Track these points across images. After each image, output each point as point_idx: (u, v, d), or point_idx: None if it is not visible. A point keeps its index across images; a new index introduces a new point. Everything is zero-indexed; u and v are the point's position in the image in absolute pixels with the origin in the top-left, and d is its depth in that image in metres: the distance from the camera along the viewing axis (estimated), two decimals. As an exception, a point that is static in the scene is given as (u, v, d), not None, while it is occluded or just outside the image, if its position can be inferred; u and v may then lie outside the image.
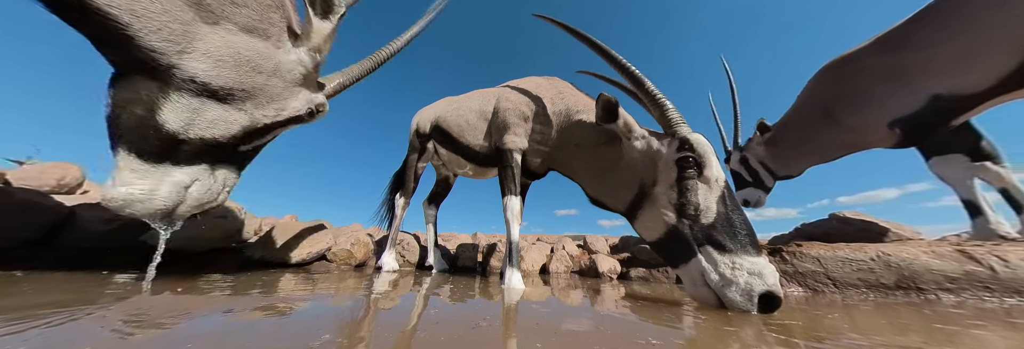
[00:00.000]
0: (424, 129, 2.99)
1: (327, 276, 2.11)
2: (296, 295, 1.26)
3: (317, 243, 2.88)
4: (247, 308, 0.97)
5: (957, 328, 0.86)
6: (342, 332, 0.71)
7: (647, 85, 1.45)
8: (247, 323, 0.80)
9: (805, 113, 2.51)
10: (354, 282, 1.81)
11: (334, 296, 1.35)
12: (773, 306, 0.99)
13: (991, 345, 0.71)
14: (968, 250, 1.57)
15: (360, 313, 1.00)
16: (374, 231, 3.89)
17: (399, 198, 3.19)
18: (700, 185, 1.22)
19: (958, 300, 1.43)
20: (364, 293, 1.42)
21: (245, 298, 1.16)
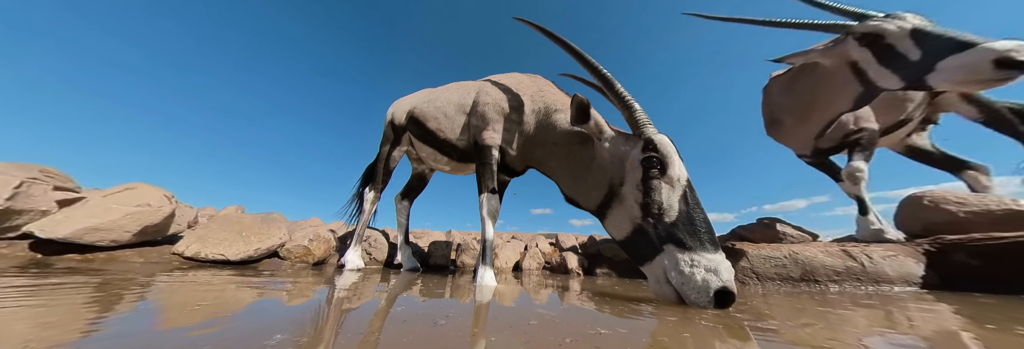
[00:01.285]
0: (399, 120, 2.74)
1: (279, 275, 1.80)
2: (231, 297, 1.02)
3: (267, 238, 2.49)
4: (161, 313, 0.74)
5: (831, 309, 1.08)
6: (298, 331, 0.64)
7: (616, 86, 1.47)
8: (167, 332, 0.60)
9: None
10: (311, 281, 1.56)
11: (287, 295, 1.13)
12: (727, 302, 1.01)
13: (850, 320, 0.91)
14: (849, 250, 1.86)
15: (318, 312, 0.86)
16: (338, 226, 3.51)
17: (368, 192, 2.89)
18: (663, 185, 1.24)
19: (840, 289, 1.71)
20: (323, 292, 1.22)
21: (160, 302, 0.91)
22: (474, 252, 2.90)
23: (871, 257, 1.79)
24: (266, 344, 0.55)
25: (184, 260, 2.22)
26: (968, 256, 1.70)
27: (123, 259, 2.10)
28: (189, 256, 2.22)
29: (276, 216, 2.81)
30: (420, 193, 3.19)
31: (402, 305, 1.00)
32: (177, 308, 0.87)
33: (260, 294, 1.18)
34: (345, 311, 0.91)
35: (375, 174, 2.88)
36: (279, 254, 2.56)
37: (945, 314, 1.00)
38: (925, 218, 2.06)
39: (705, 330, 0.73)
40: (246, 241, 2.38)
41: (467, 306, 0.98)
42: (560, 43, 1.72)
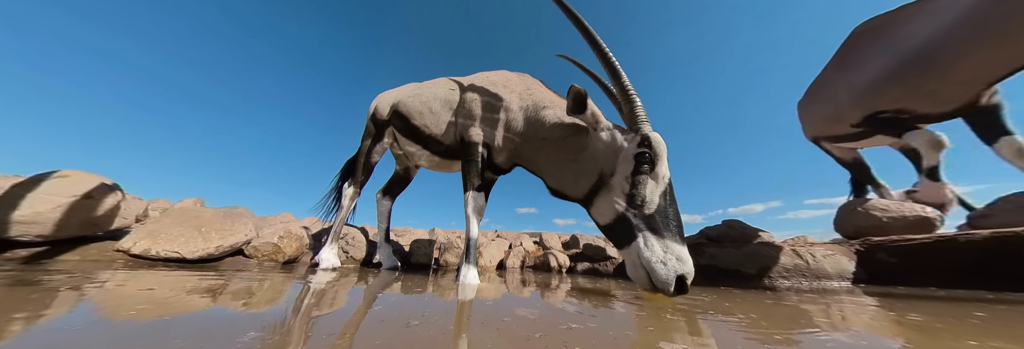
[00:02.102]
0: (382, 113, 2.59)
1: (244, 275, 1.63)
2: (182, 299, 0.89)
3: (231, 234, 2.26)
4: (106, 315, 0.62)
5: (777, 302, 1.19)
6: (266, 333, 0.61)
7: (624, 80, 1.45)
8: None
9: None
10: (281, 280, 1.41)
11: (253, 296, 1.02)
12: (683, 288, 1.12)
13: (789, 310, 1.02)
14: (797, 249, 2.02)
15: (286, 314, 0.79)
16: (311, 222, 3.27)
17: (348, 187, 2.71)
18: (649, 180, 1.31)
19: (789, 284, 1.86)
20: (293, 292, 1.11)
21: (95, 303, 0.76)
22: (458, 251, 2.81)
23: (814, 256, 1.97)
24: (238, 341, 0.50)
25: (130, 258, 1.95)
26: (887, 255, 1.91)
27: (56, 257, 1.81)
28: (137, 254, 1.95)
29: (242, 211, 2.56)
30: (403, 190, 3.05)
31: (379, 305, 0.93)
32: (113, 310, 0.74)
33: (219, 294, 1.04)
34: (316, 312, 0.82)
35: (356, 169, 2.71)
36: (244, 252, 2.33)
37: (866, 305, 1.14)
38: (856, 223, 2.27)
39: (668, 323, 0.77)
40: (206, 237, 2.14)
41: (445, 305, 0.94)
42: (577, 23, 1.58)
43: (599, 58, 1.52)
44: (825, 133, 2.76)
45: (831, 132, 2.66)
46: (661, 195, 1.28)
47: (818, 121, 2.74)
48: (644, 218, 1.26)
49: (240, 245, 2.30)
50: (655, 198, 1.28)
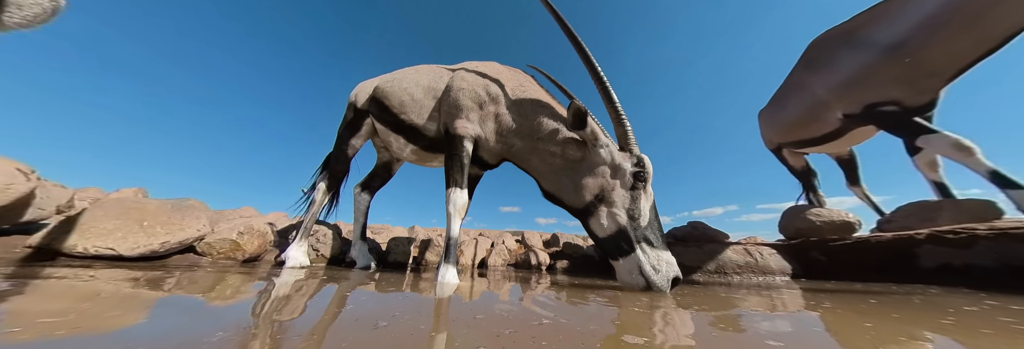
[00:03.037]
0: (361, 102, 2.40)
1: (195, 274, 1.42)
2: (118, 300, 0.74)
3: (180, 229, 1.98)
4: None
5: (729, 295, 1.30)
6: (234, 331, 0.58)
7: (616, 103, 1.52)
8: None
9: None
10: (240, 280, 1.24)
11: (204, 298, 0.89)
12: (675, 285, 1.31)
13: (737, 302, 1.11)
14: (748, 249, 2.22)
15: (242, 317, 0.72)
16: (277, 218, 2.98)
17: (321, 181, 2.51)
18: (643, 196, 1.45)
19: (740, 279, 2.05)
20: (252, 294, 1.00)
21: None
22: (438, 249, 2.70)
23: (762, 254, 2.18)
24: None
25: (48, 255, 1.64)
26: (819, 253, 2.17)
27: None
28: (59, 250, 1.65)
29: (193, 203, 2.26)
30: (384, 185, 2.88)
31: (349, 306, 0.86)
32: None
33: (164, 295, 0.89)
34: (279, 315, 0.72)
35: (332, 162, 2.51)
36: (197, 249, 2.06)
37: (796, 296, 1.28)
38: (795, 225, 2.54)
39: (634, 316, 0.80)
40: (149, 232, 1.86)
41: (419, 305, 0.90)
42: (575, 44, 1.64)
43: (595, 82, 1.59)
44: (793, 137, 2.92)
45: (801, 136, 2.80)
46: (651, 209, 1.43)
47: (787, 125, 2.90)
48: (640, 230, 1.38)
49: (191, 241, 2.03)
50: (647, 211, 1.42)
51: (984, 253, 1.55)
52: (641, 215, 1.40)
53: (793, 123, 2.85)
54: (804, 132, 2.78)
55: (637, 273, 1.31)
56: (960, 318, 0.80)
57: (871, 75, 2.09)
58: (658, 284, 1.27)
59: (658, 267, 1.29)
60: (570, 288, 1.40)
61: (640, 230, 1.38)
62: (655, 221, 1.43)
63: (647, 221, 1.40)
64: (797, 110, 2.75)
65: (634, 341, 0.57)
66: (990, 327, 0.71)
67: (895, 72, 2.00)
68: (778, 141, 3.17)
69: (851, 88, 2.22)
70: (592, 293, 1.23)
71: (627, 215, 1.41)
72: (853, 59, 2.20)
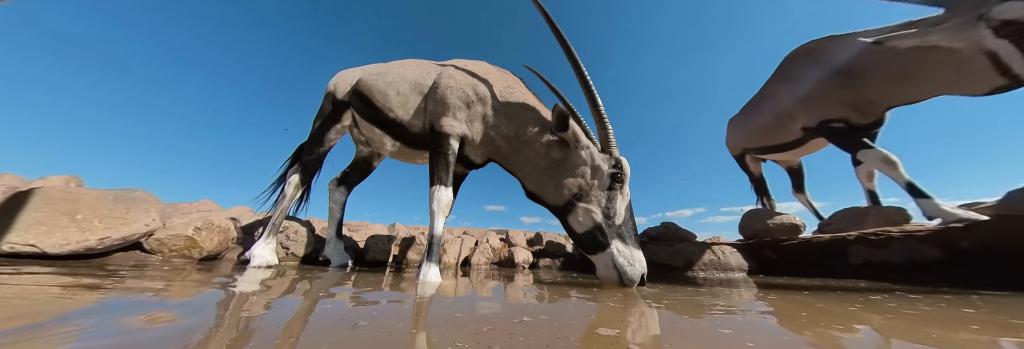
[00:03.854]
0: (341, 93, 2.28)
1: (141, 274, 1.25)
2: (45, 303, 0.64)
3: (123, 224, 1.74)
4: None
5: (695, 289, 1.41)
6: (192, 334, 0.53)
7: (601, 108, 1.59)
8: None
9: None
10: (196, 280, 1.12)
11: (155, 298, 0.80)
12: (644, 282, 1.38)
13: (701, 295, 1.20)
14: (712, 248, 2.42)
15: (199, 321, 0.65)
16: (241, 213, 2.72)
17: (293, 174, 2.33)
18: (619, 196, 1.50)
19: (705, 275, 2.20)
20: (211, 295, 0.90)
21: None
22: (420, 248, 2.61)
23: (723, 253, 2.38)
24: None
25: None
26: (770, 252, 2.43)
27: None
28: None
29: (141, 195, 1.99)
30: (362, 180, 2.73)
31: (323, 306, 0.82)
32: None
33: (102, 297, 0.77)
34: (247, 315, 0.67)
35: (306, 155, 2.34)
36: (144, 246, 1.82)
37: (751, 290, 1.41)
38: (752, 226, 2.76)
39: (608, 311, 0.83)
40: (83, 227, 1.61)
41: (398, 304, 0.88)
42: (564, 47, 1.68)
43: (582, 86, 1.64)
44: (758, 144, 3.14)
45: (766, 142, 3.03)
46: (627, 209, 1.50)
47: (755, 132, 3.11)
48: (615, 228, 1.44)
49: (138, 237, 1.79)
50: (622, 211, 1.48)
51: (897, 252, 1.81)
52: (616, 214, 1.46)
53: (761, 130, 3.06)
54: (769, 139, 3.02)
55: (611, 267, 1.38)
56: (865, 305, 0.97)
57: (826, 94, 2.33)
58: (630, 277, 1.34)
59: (631, 262, 1.36)
60: (551, 285, 1.43)
61: (615, 228, 1.44)
62: (630, 220, 1.49)
63: (622, 220, 1.46)
64: (766, 118, 2.95)
65: (607, 333, 0.60)
66: (880, 311, 0.87)
67: (843, 94, 2.24)
68: (743, 147, 3.42)
69: (810, 103, 2.46)
70: (572, 290, 1.26)
71: (603, 213, 1.46)
72: (815, 77, 2.42)
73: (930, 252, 1.68)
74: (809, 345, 0.56)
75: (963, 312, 0.85)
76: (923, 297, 1.12)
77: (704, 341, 0.57)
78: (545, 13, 1.80)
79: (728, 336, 0.59)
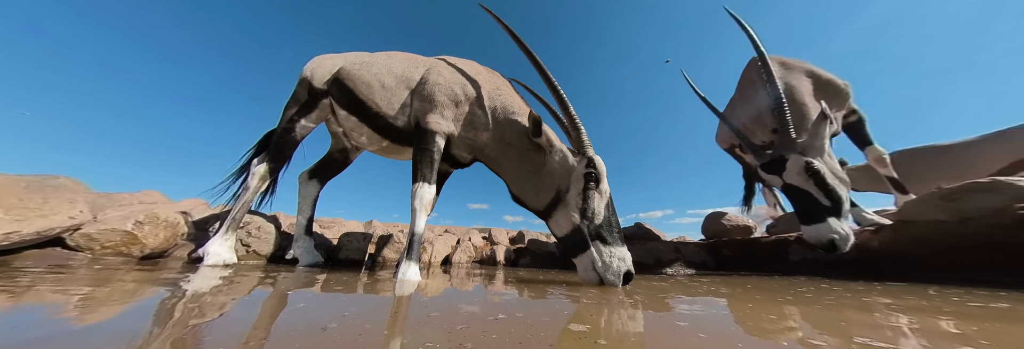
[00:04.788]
0: (320, 81, 2.13)
1: (66, 273, 1.04)
2: None
3: (39, 215, 1.45)
4: None
5: (660, 283, 1.51)
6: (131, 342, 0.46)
7: (572, 111, 1.61)
8: None
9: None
10: (134, 282, 0.97)
11: (83, 301, 0.68)
12: (629, 279, 1.35)
13: (667, 289, 1.27)
14: (678, 246, 2.62)
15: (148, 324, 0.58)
16: (193, 206, 2.41)
17: (259, 164, 2.10)
18: (596, 195, 1.48)
19: (673, 271, 2.36)
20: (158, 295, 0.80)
21: None
22: (399, 246, 2.48)
23: (687, 250, 2.61)
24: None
25: None
26: (727, 250, 2.69)
27: None
28: None
29: (65, 183, 1.69)
30: (337, 174, 2.55)
31: (291, 308, 0.75)
32: None
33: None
34: (198, 321, 0.59)
35: (275, 145, 2.14)
36: (67, 242, 1.54)
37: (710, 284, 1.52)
38: (712, 228, 3.08)
39: (583, 307, 0.85)
40: (-16, 218, 1.33)
41: (372, 304, 0.83)
42: (529, 56, 1.73)
43: (551, 92, 1.66)
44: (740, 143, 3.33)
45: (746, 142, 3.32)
46: (605, 207, 1.48)
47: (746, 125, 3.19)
48: (594, 228, 1.42)
49: (59, 232, 1.50)
50: (601, 210, 1.46)
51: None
52: (595, 214, 1.45)
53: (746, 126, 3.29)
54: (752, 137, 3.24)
55: (591, 269, 1.37)
56: (794, 297, 1.10)
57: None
58: (608, 279, 1.32)
59: (610, 263, 1.34)
60: (531, 284, 1.41)
61: (594, 228, 1.42)
62: (610, 218, 1.46)
63: (602, 219, 1.44)
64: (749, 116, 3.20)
65: (578, 329, 0.61)
66: (805, 302, 0.99)
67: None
68: (731, 142, 3.56)
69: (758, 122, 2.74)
70: (551, 288, 1.26)
71: (581, 215, 1.46)
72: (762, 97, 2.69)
73: (851, 253, 1.91)
74: (751, 334, 0.61)
75: (863, 301, 1.00)
76: (841, 288, 1.30)
77: (664, 333, 0.61)
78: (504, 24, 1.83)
79: (684, 328, 0.64)
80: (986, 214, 1.50)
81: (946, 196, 1.66)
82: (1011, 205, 1.44)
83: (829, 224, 1.89)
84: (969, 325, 0.68)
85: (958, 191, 1.64)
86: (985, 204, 1.53)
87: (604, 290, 1.20)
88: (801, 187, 2.05)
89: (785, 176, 2.13)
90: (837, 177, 2.09)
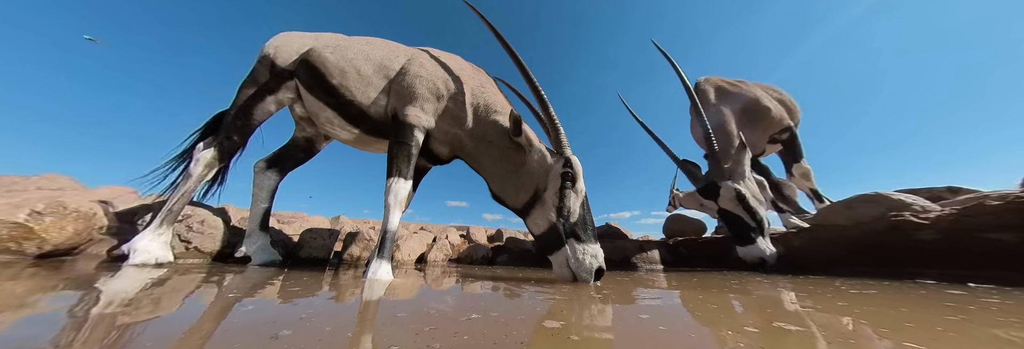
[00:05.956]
0: (285, 61, 1.92)
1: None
2: None
3: None
4: None
5: (628, 278, 1.60)
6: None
7: (551, 111, 1.63)
8: None
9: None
10: (28, 285, 0.78)
11: None
12: (601, 275, 1.39)
13: (632, 284, 1.34)
14: (642, 244, 2.77)
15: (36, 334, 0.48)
16: (114, 195, 2.02)
17: (205, 149, 1.82)
18: (572, 194, 1.51)
19: (639, 266, 2.53)
20: (54, 301, 0.67)
21: None
22: (369, 243, 2.30)
23: (650, 248, 2.80)
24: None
25: None
26: (683, 248, 2.96)
27: None
28: None
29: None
30: (300, 164, 2.31)
31: (234, 314, 0.66)
32: None
33: None
34: (91, 338, 0.47)
35: (226, 128, 1.86)
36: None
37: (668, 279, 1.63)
38: (673, 227, 3.49)
39: (558, 304, 0.86)
40: None
41: (334, 307, 0.77)
42: (512, 56, 1.72)
43: (532, 91, 1.67)
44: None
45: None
46: (581, 205, 1.51)
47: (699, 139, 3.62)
48: (569, 226, 1.45)
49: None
50: (577, 208, 1.49)
51: None
52: (571, 212, 1.47)
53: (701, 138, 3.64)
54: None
55: (565, 266, 1.39)
56: (730, 288, 1.22)
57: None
58: (581, 276, 1.36)
59: (582, 259, 1.36)
60: (507, 281, 1.40)
61: (569, 226, 1.44)
62: (585, 216, 1.49)
63: (577, 217, 1.47)
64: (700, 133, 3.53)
65: (553, 325, 0.61)
66: (734, 291, 1.13)
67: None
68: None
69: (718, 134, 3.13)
70: (526, 285, 1.25)
71: (557, 213, 1.48)
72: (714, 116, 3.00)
73: (779, 249, 2.21)
74: (701, 324, 0.67)
75: (778, 290, 1.18)
76: (764, 280, 1.48)
77: (630, 326, 0.65)
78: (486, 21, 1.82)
79: (647, 321, 0.68)
80: (870, 220, 1.80)
81: (846, 205, 1.98)
82: (886, 213, 1.75)
83: (758, 245, 2.20)
84: (853, 308, 0.83)
85: (853, 201, 1.96)
86: (869, 212, 1.84)
87: (577, 286, 1.22)
88: (733, 211, 2.36)
89: (720, 201, 2.43)
90: (756, 199, 2.42)
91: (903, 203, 1.79)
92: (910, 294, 1.05)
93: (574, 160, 1.56)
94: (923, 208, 1.74)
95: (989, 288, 1.16)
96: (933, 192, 2.55)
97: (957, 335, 0.58)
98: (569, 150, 1.60)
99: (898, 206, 1.79)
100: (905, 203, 1.79)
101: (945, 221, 1.53)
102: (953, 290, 1.12)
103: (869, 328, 0.63)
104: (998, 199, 1.43)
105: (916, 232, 1.60)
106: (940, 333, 0.59)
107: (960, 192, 2.46)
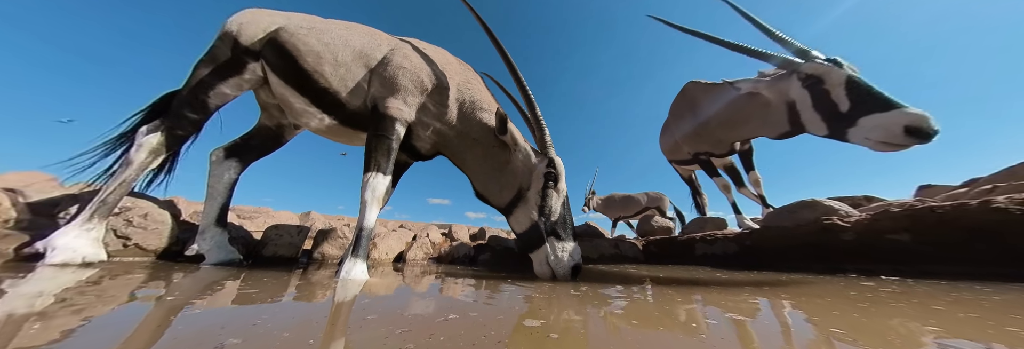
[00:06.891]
0: (251, 39, 1.74)
1: None
2: None
3: None
4: None
5: (603, 275, 1.61)
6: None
7: (538, 112, 1.63)
8: None
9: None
10: None
11: None
12: (578, 272, 1.41)
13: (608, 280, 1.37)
14: (618, 243, 2.92)
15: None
16: (28, 182, 1.69)
17: (151, 133, 1.60)
18: (554, 193, 1.53)
19: (613, 263, 2.58)
20: None
21: None
22: (342, 241, 2.15)
23: (624, 246, 2.97)
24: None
25: None
26: (654, 247, 3.13)
27: None
28: None
29: None
30: (266, 154, 2.09)
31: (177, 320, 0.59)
32: None
33: None
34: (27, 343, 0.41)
35: (176, 110, 1.64)
36: None
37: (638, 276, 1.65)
38: (644, 228, 3.74)
39: (536, 302, 0.86)
40: None
41: (297, 311, 0.72)
42: (502, 54, 1.70)
43: (520, 90, 1.67)
44: (672, 157, 4.05)
45: (675, 157, 3.96)
46: (561, 205, 1.54)
47: (668, 148, 4.00)
48: (550, 225, 1.48)
49: None
50: (557, 208, 1.52)
51: (718, 247, 2.59)
52: (552, 211, 1.50)
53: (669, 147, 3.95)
54: (676, 155, 3.84)
55: (545, 264, 1.42)
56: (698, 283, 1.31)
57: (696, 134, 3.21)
58: (559, 273, 1.39)
59: (561, 257, 1.40)
60: (488, 280, 1.38)
61: (550, 225, 1.47)
62: (565, 215, 1.53)
63: (557, 216, 1.50)
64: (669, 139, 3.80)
65: (532, 324, 0.61)
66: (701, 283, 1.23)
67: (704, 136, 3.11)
68: (668, 158, 4.23)
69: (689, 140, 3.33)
70: (506, 284, 1.24)
71: (538, 212, 1.50)
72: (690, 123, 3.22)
73: (733, 248, 2.41)
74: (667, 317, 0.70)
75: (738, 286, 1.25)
76: (723, 274, 1.63)
77: (606, 321, 0.67)
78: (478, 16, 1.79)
79: (621, 315, 0.71)
80: (808, 223, 2.03)
81: (789, 209, 2.22)
82: (819, 217, 1.99)
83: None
84: (788, 296, 0.97)
85: (795, 206, 2.21)
86: (807, 216, 2.09)
87: (556, 284, 1.25)
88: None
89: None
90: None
91: (833, 209, 2.05)
92: (837, 285, 1.20)
93: (557, 160, 1.57)
94: (846, 213, 2.00)
95: (893, 279, 1.34)
96: (854, 200, 3.01)
97: (867, 320, 0.67)
98: (553, 150, 1.61)
99: (829, 211, 2.04)
100: (834, 209, 2.05)
101: (862, 224, 1.75)
102: (866, 282, 1.29)
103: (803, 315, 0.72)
104: (899, 207, 1.68)
105: (841, 233, 1.82)
106: (855, 319, 0.68)
107: (874, 200, 2.93)
